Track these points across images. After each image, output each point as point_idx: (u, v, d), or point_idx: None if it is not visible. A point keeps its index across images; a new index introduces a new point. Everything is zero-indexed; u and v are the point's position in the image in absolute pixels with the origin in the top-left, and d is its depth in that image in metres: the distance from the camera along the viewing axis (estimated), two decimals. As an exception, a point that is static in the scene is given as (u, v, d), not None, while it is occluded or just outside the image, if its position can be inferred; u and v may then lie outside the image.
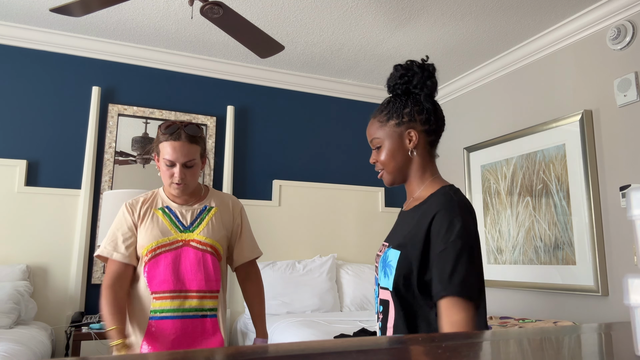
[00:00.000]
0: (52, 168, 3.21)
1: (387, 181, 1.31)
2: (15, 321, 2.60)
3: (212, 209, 1.75)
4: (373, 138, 1.30)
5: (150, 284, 1.61)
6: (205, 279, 1.64)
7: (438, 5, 2.91)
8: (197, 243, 1.66)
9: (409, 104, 1.28)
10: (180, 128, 1.66)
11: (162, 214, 1.69)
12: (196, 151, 1.67)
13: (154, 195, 1.75)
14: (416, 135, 1.27)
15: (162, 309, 1.60)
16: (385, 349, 0.62)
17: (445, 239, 1.09)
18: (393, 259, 1.18)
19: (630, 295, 0.53)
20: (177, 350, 1.41)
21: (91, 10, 2.23)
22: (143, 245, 1.64)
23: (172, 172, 1.64)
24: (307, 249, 3.78)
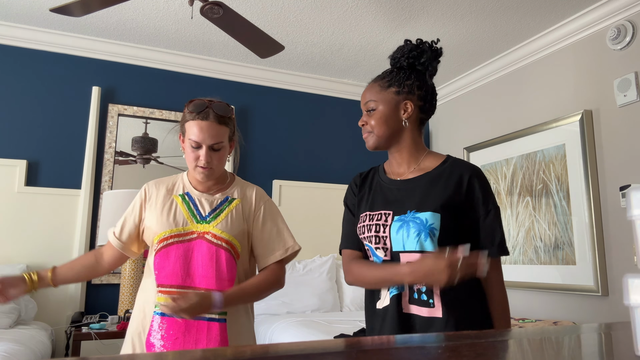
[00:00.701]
0: (52, 168, 3.21)
1: (371, 143, 1.33)
2: (15, 321, 2.60)
3: (234, 201, 1.58)
4: (369, 100, 1.33)
5: (157, 276, 1.48)
6: (216, 277, 1.48)
7: (438, 5, 2.91)
8: (212, 237, 1.50)
9: (412, 77, 1.32)
10: (209, 107, 1.52)
11: (181, 201, 1.56)
12: (225, 133, 1.53)
13: (176, 179, 1.63)
14: (412, 107, 1.31)
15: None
16: (385, 349, 0.62)
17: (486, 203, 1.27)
18: (435, 222, 1.22)
19: (630, 295, 0.53)
20: (178, 351, 1.40)
21: (91, 10, 2.23)
22: (156, 232, 1.51)
23: (197, 155, 1.50)
24: (307, 249, 3.78)
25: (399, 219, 1.26)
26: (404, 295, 1.24)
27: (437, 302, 1.20)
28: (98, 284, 3.15)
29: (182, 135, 1.57)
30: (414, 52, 1.33)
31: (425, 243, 1.22)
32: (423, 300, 1.23)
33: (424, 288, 1.22)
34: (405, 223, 1.24)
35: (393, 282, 1.23)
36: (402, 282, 1.21)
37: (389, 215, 1.28)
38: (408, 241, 1.23)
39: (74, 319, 2.85)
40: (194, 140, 1.50)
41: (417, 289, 1.23)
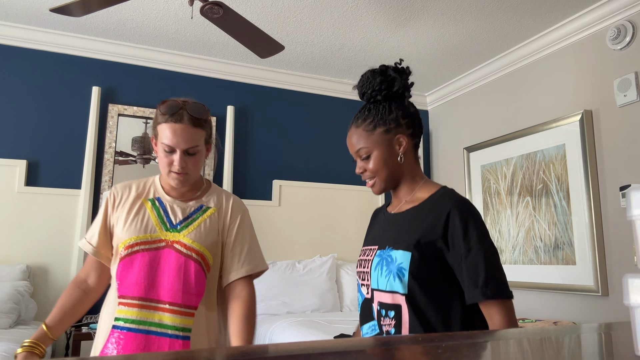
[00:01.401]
0: (52, 168, 3.21)
1: (379, 189, 1.27)
2: (15, 321, 2.60)
3: (208, 210, 1.47)
4: (360, 148, 1.26)
5: (119, 286, 1.36)
6: (183, 290, 1.35)
7: (438, 5, 2.91)
8: (182, 246, 1.38)
9: (392, 109, 1.26)
10: (183, 108, 1.39)
11: (150, 207, 1.44)
12: (200, 136, 1.40)
13: (147, 183, 1.50)
14: (405, 140, 1.25)
15: (126, 318, 1.33)
16: (385, 349, 0.62)
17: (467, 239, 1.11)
18: (404, 261, 1.14)
19: (630, 295, 0.53)
20: (178, 351, 1.38)
21: (91, 10, 2.23)
22: (121, 239, 1.39)
23: (171, 160, 1.38)
24: (307, 249, 3.78)
25: (379, 255, 1.21)
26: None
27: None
28: (98, 284, 3.15)
29: (155, 138, 1.44)
30: (385, 83, 1.26)
31: (394, 283, 1.15)
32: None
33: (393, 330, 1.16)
34: (382, 259, 1.19)
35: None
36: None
37: (373, 251, 1.24)
38: (381, 279, 1.18)
39: (74, 319, 2.85)
40: (167, 145, 1.37)
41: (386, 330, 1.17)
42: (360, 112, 1.29)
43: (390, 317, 1.17)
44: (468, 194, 3.84)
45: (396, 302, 1.15)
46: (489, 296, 1.07)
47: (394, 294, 1.15)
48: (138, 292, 1.35)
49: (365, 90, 1.28)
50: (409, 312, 1.13)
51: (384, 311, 1.17)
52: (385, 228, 1.29)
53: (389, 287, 1.16)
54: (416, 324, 1.12)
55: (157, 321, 1.34)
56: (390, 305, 1.16)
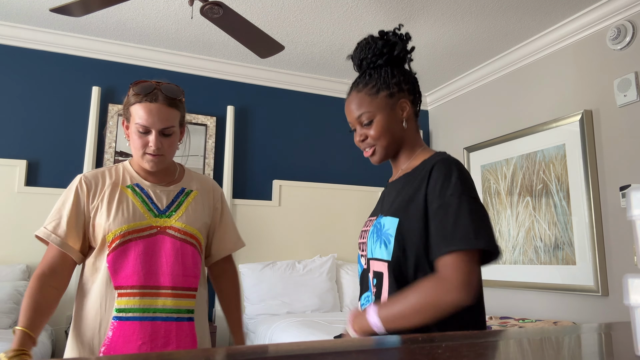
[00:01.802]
0: (52, 168, 3.21)
1: (379, 157, 1.21)
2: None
3: (191, 192, 1.47)
4: (362, 113, 1.19)
5: (114, 277, 1.32)
6: (183, 273, 1.37)
7: (438, 5, 2.91)
8: (175, 231, 1.38)
9: (395, 73, 1.21)
10: (157, 88, 1.35)
11: (132, 193, 1.40)
12: (175, 117, 1.38)
13: (119, 170, 1.44)
14: (408, 105, 1.21)
15: (129, 308, 1.31)
16: (385, 349, 0.62)
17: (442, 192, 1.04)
18: (391, 227, 1.10)
19: (630, 295, 0.53)
20: (178, 351, 1.38)
21: (91, 10, 2.23)
22: (109, 230, 1.33)
23: (146, 141, 1.35)
24: (307, 249, 3.78)
25: (374, 224, 1.18)
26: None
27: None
28: (98, 284, 3.15)
29: (127, 121, 1.40)
30: (386, 47, 1.22)
31: (380, 250, 1.11)
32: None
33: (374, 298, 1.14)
34: (375, 228, 1.16)
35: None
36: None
37: (372, 220, 1.21)
38: (374, 248, 1.15)
39: (74, 319, 2.85)
40: (141, 125, 1.33)
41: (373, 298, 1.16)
42: (360, 78, 1.24)
43: (374, 284, 1.14)
44: (468, 194, 3.84)
45: (380, 269, 1.12)
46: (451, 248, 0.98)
47: (380, 261, 1.11)
48: (137, 281, 1.32)
49: (364, 55, 1.24)
50: (389, 280, 1.09)
51: (374, 279, 1.14)
52: (383, 198, 1.26)
53: (379, 255, 1.12)
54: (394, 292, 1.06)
55: (161, 307, 1.33)
56: (377, 273, 1.13)
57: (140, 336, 1.30)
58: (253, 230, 3.63)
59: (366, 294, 1.18)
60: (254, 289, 3.29)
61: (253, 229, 3.64)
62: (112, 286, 1.32)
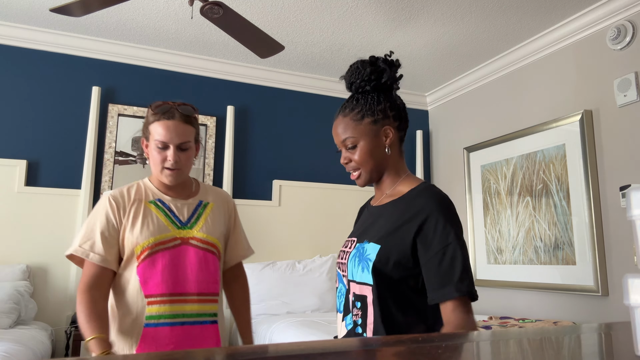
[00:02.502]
0: (52, 168, 3.21)
1: (363, 181, 1.26)
2: (15, 321, 2.60)
3: (208, 204, 1.59)
4: (346, 137, 1.24)
5: (144, 287, 1.42)
6: (206, 280, 1.48)
7: (438, 5, 2.91)
8: (198, 241, 1.50)
9: (380, 100, 1.25)
10: (174, 107, 1.49)
11: (155, 208, 1.50)
12: (191, 133, 1.51)
13: (140, 187, 1.56)
14: (392, 132, 1.25)
15: (160, 315, 1.42)
16: (385, 349, 0.62)
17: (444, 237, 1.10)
18: (372, 253, 1.15)
19: (630, 295, 0.53)
20: (178, 351, 1.39)
21: (91, 10, 2.23)
22: (137, 242, 1.44)
23: (164, 156, 1.47)
24: (307, 249, 3.78)
25: (357, 247, 1.22)
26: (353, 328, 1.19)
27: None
28: (98, 284, 3.14)
29: (146, 140, 1.53)
30: (375, 74, 1.25)
31: (362, 275, 1.16)
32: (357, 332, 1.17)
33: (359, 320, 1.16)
34: (357, 252, 1.20)
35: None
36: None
37: (353, 243, 1.25)
38: (354, 270, 1.19)
39: (74, 319, 2.85)
40: (160, 141, 1.46)
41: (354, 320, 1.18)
42: (347, 102, 1.28)
43: (357, 307, 1.18)
44: (468, 194, 3.84)
45: (363, 292, 1.16)
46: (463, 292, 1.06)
47: (362, 285, 1.16)
48: (166, 289, 1.43)
49: (354, 80, 1.27)
50: (372, 303, 1.14)
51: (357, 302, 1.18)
52: (365, 221, 1.29)
53: (359, 279, 1.17)
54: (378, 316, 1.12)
55: (189, 312, 1.45)
56: (359, 295, 1.17)
57: (171, 340, 1.41)
58: (253, 230, 3.63)
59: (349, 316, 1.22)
60: (254, 289, 3.29)
61: (253, 229, 3.64)
62: (142, 295, 1.43)
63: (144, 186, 1.57)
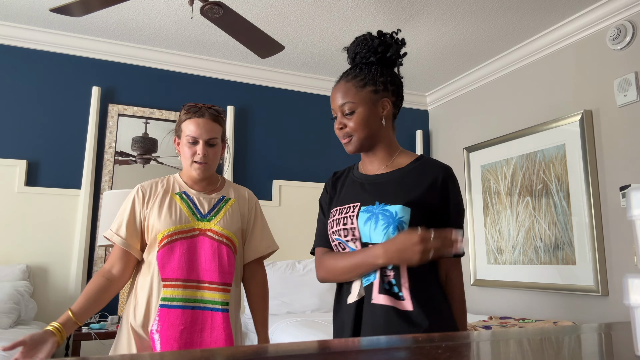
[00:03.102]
0: (52, 168, 3.21)
1: (354, 147, 1.31)
2: (15, 321, 2.60)
3: (229, 200, 1.71)
4: (345, 102, 1.28)
5: (161, 271, 1.56)
6: (219, 270, 1.59)
7: (438, 5, 2.91)
8: (214, 233, 1.62)
9: (384, 73, 1.29)
10: (204, 107, 1.66)
11: (179, 200, 1.65)
12: (218, 131, 1.67)
13: (170, 180, 1.71)
14: (389, 105, 1.29)
15: (173, 297, 1.55)
16: (385, 349, 0.62)
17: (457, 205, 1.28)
18: (405, 215, 1.20)
19: (630, 295, 0.53)
20: (178, 351, 1.40)
21: (91, 10, 2.23)
22: (159, 229, 1.58)
23: (194, 150, 1.63)
24: (307, 249, 3.78)
25: (367, 210, 1.24)
26: (374, 285, 1.21)
27: (407, 295, 1.18)
28: (98, 284, 3.14)
29: (178, 138, 1.69)
30: (381, 47, 1.30)
31: (392, 236, 1.20)
32: (394, 292, 1.20)
33: (394, 280, 1.20)
34: (373, 215, 1.23)
35: (367, 265, 1.20)
36: (376, 263, 1.18)
37: (356, 207, 1.27)
38: (375, 233, 1.21)
39: (74, 319, 2.84)
40: (191, 136, 1.62)
41: (388, 281, 1.20)
42: (351, 69, 1.32)
43: (389, 268, 1.21)
44: (468, 194, 3.84)
45: None
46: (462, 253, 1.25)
47: None
48: (181, 275, 1.56)
49: (359, 50, 1.31)
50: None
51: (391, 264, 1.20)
52: (365, 188, 1.32)
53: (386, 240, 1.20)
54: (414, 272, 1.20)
55: (200, 298, 1.57)
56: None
57: (182, 322, 1.53)
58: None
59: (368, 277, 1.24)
60: (254, 289, 3.29)
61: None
62: (159, 278, 1.56)
63: (173, 179, 1.72)
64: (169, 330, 1.52)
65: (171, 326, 1.52)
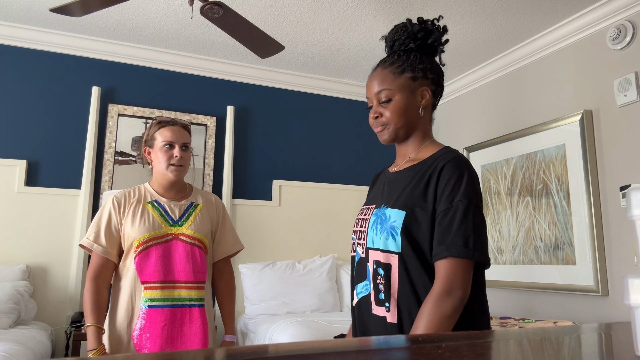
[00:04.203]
0: (52, 168, 3.21)
1: (388, 136, 1.21)
2: (15, 321, 2.60)
3: (198, 205, 1.86)
4: (383, 89, 1.19)
5: (140, 275, 1.70)
6: (193, 270, 1.74)
7: (438, 5, 2.91)
8: (186, 237, 1.76)
9: (424, 60, 1.21)
10: (173, 119, 1.85)
11: (152, 208, 1.78)
12: (189, 138, 1.83)
13: (141, 190, 1.83)
14: (429, 94, 1.21)
15: (153, 298, 1.69)
16: (385, 349, 0.62)
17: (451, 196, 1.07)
18: (397, 220, 1.11)
19: (630, 295, 0.53)
20: (178, 351, 1.41)
21: (91, 10, 2.23)
22: (135, 237, 1.71)
23: (171, 154, 1.77)
24: (307, 249, 3.78)
25: (375, 213, 1.18)
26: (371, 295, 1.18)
27: (393, 307, 1.11)
28: (98, 284, 3.14)
29: (149, 147, 1.82)
30: (422, 33, 1.21)
31: (387, 242, 1.12)
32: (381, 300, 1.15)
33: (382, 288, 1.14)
34: (378, 218, 1.16)
35: None
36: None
37: (371, 210, 1.21)
38: (376, 238, 1.15)
39: (74, 319, 2.85)
40: (167, 141, 1.77)
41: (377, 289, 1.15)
42: (388, 57, 1.24)
43: (381, 275, 1.15)
44: (468, 194, 3.84)
45: (388, 260, 1.13)
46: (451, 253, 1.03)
47: (387, 252, 1.13)
48: (158, 277, 1.70)
49: (397, 37, 1.23)
50: (398, 271, 1.11)
51: (380, 270, 1.15)
52: (383, 187, 1.25)
53: (383, 246, 1.13)
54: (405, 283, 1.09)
55: (177, 296, 1.71)
56: (383, 263, 1.14)
57: (162, 319, 1.68)
58: (253, 230, 3.64)
59: (364, 283, 1.20)
60: (254, 289, 3.29)
61: (253, 229, 3.64)
62: (139, 281, 1.70)
63: (144, 189, 1.84)
64: (151, 328, 1.67)
65: (153, 324, 1.67)
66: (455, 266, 1.03)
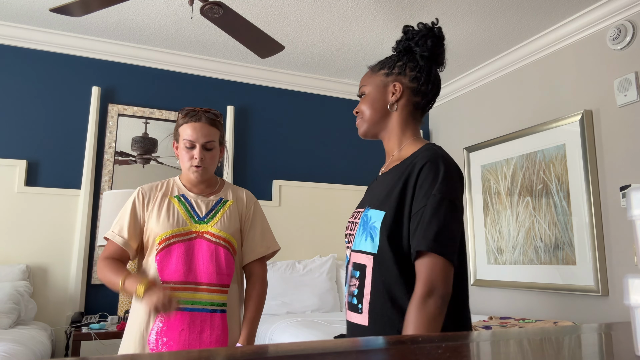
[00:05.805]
0: (52, 168, 3.21)
1: (361, 130, 1.26)
2: (15, 321, 2.60)
3: (227, 202, 1.72)
4: (361, 85, 1.27)
5: (161, 273, 1.58)
6: (216, 272, 1.61)
7: (438, 5, 2.91)
8: (211, 236, 1.64)
9: (404, 58, 1.24)
10: (200, 111, 1.67)
11: (177, 203, 1.67)
12: (216, 134, 1.68)
13: (169, 183, 1.73)
14: (400, 89, 1.21)
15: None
16: (384, 349, 0.62)
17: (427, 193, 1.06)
18: (377, 220, 1.10)
19: (630, 295, 0.53)
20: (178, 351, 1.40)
21: (91, 10, 2.23)
22: (157, 233, 1.61)
23: (191, 154, 1.65)
24: (307, 249, 3.78)
25: (362, 216, 1.18)
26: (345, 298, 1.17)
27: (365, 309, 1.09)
28: (98, 284, 3.15)
29: (176, 142, 1.70)
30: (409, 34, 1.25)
31: (365, 243, 1.12)
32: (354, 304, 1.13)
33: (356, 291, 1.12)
34: (362, 220, 1.17)
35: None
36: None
37: (359, 213, 1.21)
38: (360, 240, 1.15)
39: (74, 319, 2.85)
40: (188, 140, 1.64)
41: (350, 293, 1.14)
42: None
43: (356, 277, 1.14)
44: (468, 194, 3.84)
45: (363, 262, 1.12)
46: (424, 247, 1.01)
47: (363, 254, 1.12)
48: (179, 277, 1.58)
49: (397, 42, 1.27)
50: (372, 272, 1.09)
51: (355, 272, 1.14)
52: (372, 189, 1.25)
53: (362, 247, 1.13)
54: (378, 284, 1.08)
55: (198, 300, 1.58)
56: (358, 265, 1.13)
57: (181, 323, 1.55)
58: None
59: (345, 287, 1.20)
60: (254, 289, 3.29)
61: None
62: (159, 281, 1.57)
63: (172, 182, 1.74)
64: (169, 332, 1.55)
65: (171, 327, 1.55)
66: (433, 265, 1.02)
